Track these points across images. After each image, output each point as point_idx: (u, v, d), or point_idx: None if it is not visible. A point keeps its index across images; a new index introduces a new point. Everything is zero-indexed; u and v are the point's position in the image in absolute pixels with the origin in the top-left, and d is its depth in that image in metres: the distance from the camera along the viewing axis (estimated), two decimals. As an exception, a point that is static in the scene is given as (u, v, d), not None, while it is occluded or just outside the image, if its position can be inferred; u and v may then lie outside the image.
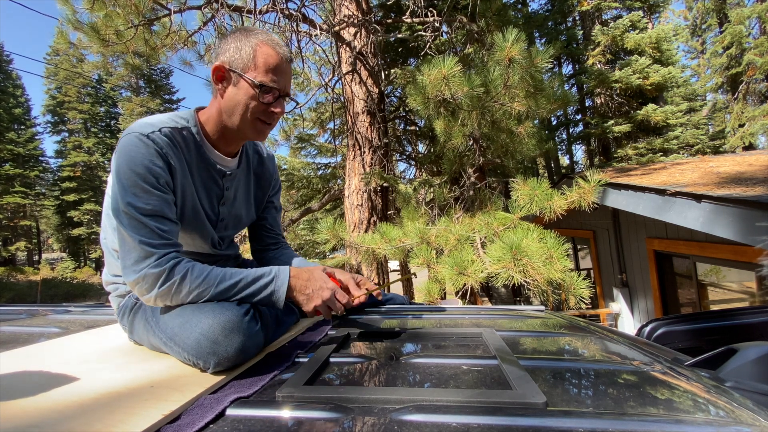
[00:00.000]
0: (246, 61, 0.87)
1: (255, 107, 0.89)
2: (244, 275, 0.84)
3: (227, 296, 0.82)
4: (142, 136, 0.82)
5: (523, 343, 0.92)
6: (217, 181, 0.98)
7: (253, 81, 0.87)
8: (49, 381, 0.68)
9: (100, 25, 3.64)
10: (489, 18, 4.22)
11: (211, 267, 0.84)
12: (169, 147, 0.85)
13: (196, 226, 0.95)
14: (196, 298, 0.81)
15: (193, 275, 0.80)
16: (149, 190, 0.80)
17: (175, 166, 0.86)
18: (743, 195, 2.48)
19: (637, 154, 11.50)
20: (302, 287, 0.87)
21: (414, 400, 0.56)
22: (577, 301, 2.32)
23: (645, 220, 4.73)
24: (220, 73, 0.89)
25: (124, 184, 0.80)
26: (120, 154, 0.81)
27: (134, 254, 0.79)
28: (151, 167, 0.81)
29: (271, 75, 0.88)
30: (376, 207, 4.16)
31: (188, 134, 0.91)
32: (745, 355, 0.71)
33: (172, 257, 0.80)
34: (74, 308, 1.50)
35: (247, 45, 0.87)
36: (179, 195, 0.88)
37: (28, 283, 19.77)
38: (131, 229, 0.79)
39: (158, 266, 0.78)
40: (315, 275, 0.88)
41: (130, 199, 0.79)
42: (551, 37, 12.84)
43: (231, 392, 0.63)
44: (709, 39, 18.46)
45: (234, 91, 0.89)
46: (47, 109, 24.51)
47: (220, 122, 0.93)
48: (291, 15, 3.76)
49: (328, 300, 0.86)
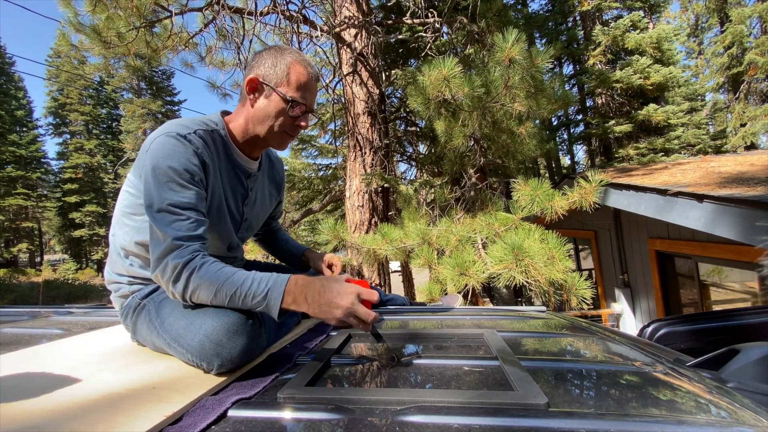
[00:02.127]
0: (280, 76, 0.92)
1: (283, 120, 0.95)
2: (242, 286, 0.78)
3: (229, 302, 0.78)
4: (180, 136, 0.86)
5: (524, 343, 0.92)
6: (242, 182, 1.03)
7: (285, 96, 0.92)
8: (51, 382, 0.69)
9: (101, 27, 3.65)
10: (489, 19, 4.21)
11: (221, 266, 0.80)
12: (204, 148, 0.89)
13: (218, 225, 0.97)
14: (204, 297, 0.78)
15: (201, 272, 0.78)
16: (185, 185, 0.83)
17: (209, 165, 0.90)
18: (745, 195, 2.47)
19: (639, 154, 11.48)
20: (314, 297, 0.76)
21: (415, 401, 0.56)
22: (578, 302, 2.32)
23: (646, 221, 4.72)
24: (254, 84, 0.93)
25: (160, 180, 0.82)
26: (157, 152, 0.83)
27: (162, 247, 0.80)
28: (188, 165, 0.84)
29: (301, 92, 0.94)
30: (377, 208, 4.16)
31: (217, 136, 0.95)
32: (747, 356, 0.71)
33: (194, 250, 0.80)
34: (76, 310, 1.50)
35: (282, 62, 0.93)
36: (209, 193, 0.92)
37: (30, 284, 19.80)
38: (164, 224, 0.80)
39: (177, 258, 0.79)
40: (327, 283, 0.78)
41: (167, 195, 0.81)
42: (552, 37, 12.84)
43: (233, 393, 0.63)
44: (707, 39, 18.45)
45: (265, 102, 0.94)
46: (49, 111, 24.59)
47: (247, 130, 0.97)
48: (292, 16, 3.77)
49: (344, 316, 0.75)
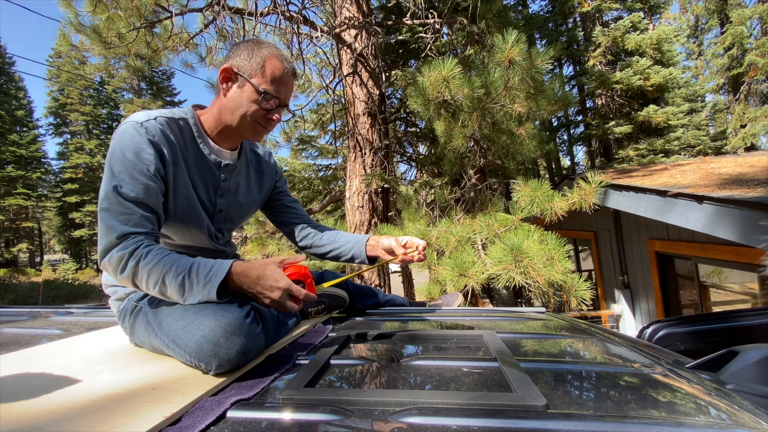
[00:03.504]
0: (254, 68, 0.92)
1: (255, 111, 0.94)
2: (188, 270, 0.79)
3: (176, 290, 0.78)
4: (137, 124, 0.85)
5: (523, 345, 0.92)
6: (213, 171, 1.00)
7: (257, 87, 0.92)
8: (50, 383, 0.69)
9: (102, 28, 3.66)
10: (489, 19, 4.21)
11: (166, 253, 0.81)
12: (162, 136, 0.88)
13: (190, 215, 0.96)
14: (152, 282, 0.78)
15: (146, 260, 0.78)
16: (136, 177, 0.82)
17: (168, 154, 0.88)
18: (745, 196, 2.47)
19: (638, 155, 11.49)
20: (249, 285, 0.81)
21: (414, 403, 0.56)
22: (578, 303, 2.32)
23: (646, 222, 4.72)
24: (228, 74, 0.93)
25: (113, 170, 0.82)
26: (114, 141, 0.84)
27: (107, 238, 0.80)
28: (142, 155, 0.83)
29: (274, 85, 0.93)
30: (377, 208, 4.16)
31: (185, 125, 0.95)
32: (746, 358, 0.71)
33: (137, 241, 0.80)
34: (76, 310, 1.50)
35: (258, 54, 0.93)
36: (171, 184, 0.90)
37: (30, 284, 19.78)
38: (110, 215, 0.81)
39: (122, 249, 0.79)
40: (266, 272, 0.81)
41: (116, 184, 0.81)
42: (552, 38, 12.84)
43: (232, 394, 0.63)
44: (706, 40, 18.47)
45: (238, 92, 0.93)
46: (49, 111, 24.60)
47: (220, 119, 0.97)
48: (292, 17, 3.77)
49: (279, 299, 0.79)
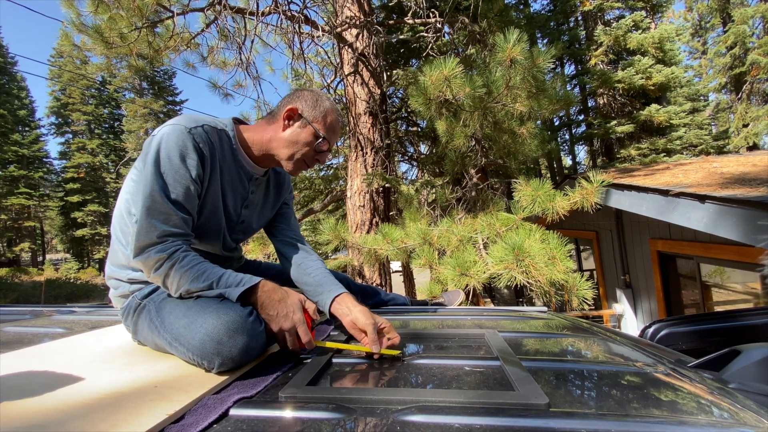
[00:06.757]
0: (318, 115, 1.02)
1: (307, 152, 1.03)
2: (217, 279, 0.84)
3: (203, 292, 0.84)
4: (185, 129, 0.89)
5: (525, 344, 0.92)
6: (245, 183, 1.06)
7: (318, 131, 1.01)
8: (53, 381, 0.69)
9: (103, 28, 3.66)
10: (491, 19, 4.21)
11: (201, 260, 0.86)
12: (206, 143, 0.92)
13: (212, 222, 0.99)
14: (181, 289, 0.84)
15: (181, 263, 0.83)
16: (179, 180, 0.87)
17: (208, 161, 0.93)
18: (747, 195, 2.46)
19: (640, 155, 11.46)
20: (269, 305, 0.84)
21: (416, 401, 0.56)
22: (579, 302, 2.31)
23: (648, 221, 4.71)
24: (292, 113, 1.01)
25: (158, 170, 0.85)
26: (161, 142, 0.87)
27: (148, 236, 0.83)
28: (188, 160, 0.88)
29: (330, 133, 1.04)
30: (378, 208, 4.16)
31: (225, 136, 1.00)
32: (748, 357, 0.71)
33: (177, 245, 0.85)
34: (78, 309, 1.51)
35: (321, 105, 1.03)
36: (204, 188, 0.94)
37: (32, 283, 19.85)
38: (150, 213, 0.83)
39: (162, 251, 0.83)
40: (288, 301, 0.85)
41: (160, 185, 0.85)
42: (553, 37, 12.82)
43: (234, 392, 0.63)
44: (710, 39, 18.41)
45: (297, 131, 1.01)
46: (51, 110, 24.66)
47: (269, 146, 1.03)
48: (293, 17, 3.76)
49: (288, 330, 0.82)
